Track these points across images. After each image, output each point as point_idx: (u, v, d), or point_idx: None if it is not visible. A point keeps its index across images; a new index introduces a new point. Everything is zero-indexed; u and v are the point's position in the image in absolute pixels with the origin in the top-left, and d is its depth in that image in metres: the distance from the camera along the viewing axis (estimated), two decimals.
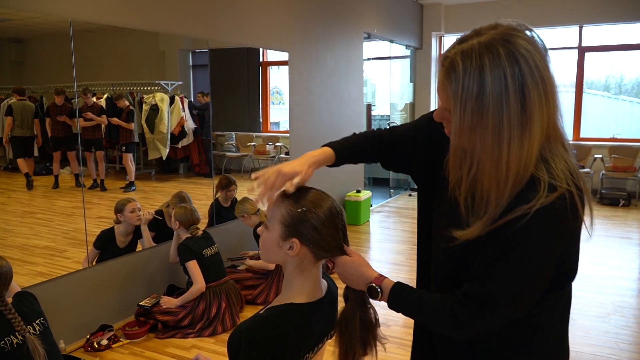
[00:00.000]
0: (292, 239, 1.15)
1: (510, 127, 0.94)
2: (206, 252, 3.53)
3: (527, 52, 0.95)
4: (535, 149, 0.96)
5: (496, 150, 0.95)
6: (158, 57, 4.16)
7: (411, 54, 8.58)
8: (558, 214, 0.96)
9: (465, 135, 0.98)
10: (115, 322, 3.42)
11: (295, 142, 5.34)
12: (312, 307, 1.18)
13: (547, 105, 0.96)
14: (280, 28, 4.97)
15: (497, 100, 0.94)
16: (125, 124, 3.95)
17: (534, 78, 0.94)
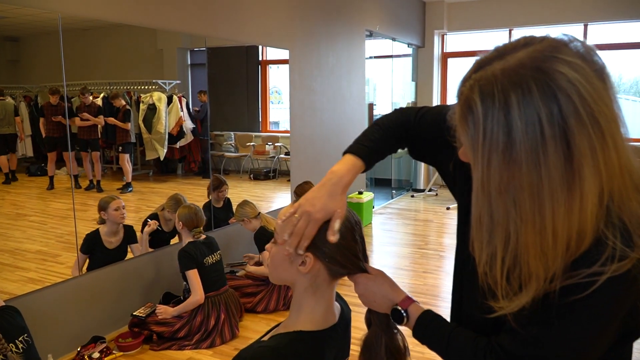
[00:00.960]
0: (306, 252, 1.01)
1: (552, 187, 0.70)
2: (207, 260, 3.39)
3: (570, 83, 0.70)
4: (590, 212, 0.72)
5: (538, 218, 0.72)
6: (156, 55, 4.08)
7: (413, 53, 8.49)
8: (631, 280, 0.75)
9: (493, 198, 0.75)
10: (108, 334, 3.30)
11: (296, 142, 5.24)
12: (325, 336, 1.03)
13: (605, 151, 0.70)
14: (281, 25, 4.87)
15: (531, 152, 0.70)
16: (122, 123, 3.85)
17: (581, 118, 0.69)
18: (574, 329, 0.78)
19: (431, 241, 5.63)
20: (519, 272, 0.78)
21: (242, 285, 3.80)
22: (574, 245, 0.74)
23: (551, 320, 0.79)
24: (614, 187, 0.74)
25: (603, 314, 0.77)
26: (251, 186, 5.39)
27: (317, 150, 5.62)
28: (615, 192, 0.74)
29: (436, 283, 4.32)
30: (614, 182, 0.73)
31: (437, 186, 8.28)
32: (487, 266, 0.81)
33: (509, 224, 0.75)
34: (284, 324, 1.07)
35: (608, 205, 0.74)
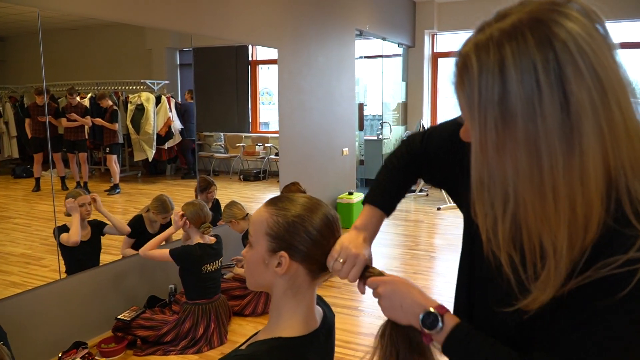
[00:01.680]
0: (281, 252, 0.96)
1: (549, 139, 0.67)
2: (206, 267, 3.32)
3: (568, 33, 0.66)
4: (593, 173, 0.67)
5: (536, 173, 0.68)
6: (144, 55, 4.05)
7: (403, 52, 8.49)
8: None
9: (491, 157, 0.72)
10: (90, 339, 3.23)
11: (285, 142, 5.22)
12: (306, 342, 0.98)
13: (606, 107, 0.66)
14: (270, 24, 4.84)
15: (526, 103, 0.67)
16: (109, 124, 3.81)
17: (579, 68, 0.66)
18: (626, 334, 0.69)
19: (422, 242, 5.62)
20: (527, 240, 0.73)
21: (230, 288, 3.75)
22: (582, 214, 0.68)
23: (593, 328, 0.71)
24: (623, 156, 0.68)
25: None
26: (241, 187, 5.36)
27: (306, 150, 5.59)
28: (627, 164, 0.69)
29: (427, 284, 4.32)
30: (621, 147, 0.68)
31: (427, 187, 8.29)
32: (490, 232, 0.77)
33: (508, 183, 0.72)
34: (263, 331, 1.03)
35: (627, 184, 0.69)
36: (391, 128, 7.98)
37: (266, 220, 0.99)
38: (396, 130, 8.29)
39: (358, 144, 7.76)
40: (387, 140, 7.89)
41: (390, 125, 7.95)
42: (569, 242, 0.70)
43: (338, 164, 6.29)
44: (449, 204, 7.08)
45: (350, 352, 3.12)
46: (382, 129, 7.85)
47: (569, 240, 0.70)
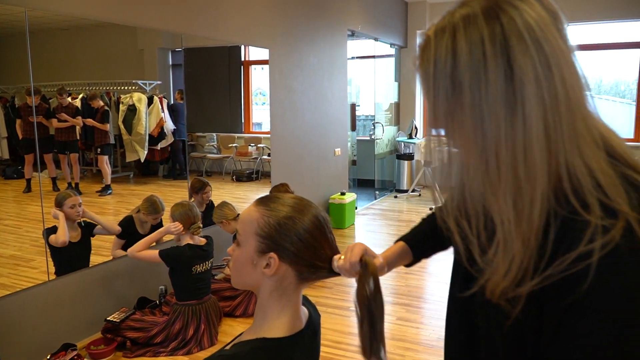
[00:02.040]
0: (270, 253, 0.95)
1: (492, 104, 0.70)
2: (196, 268, 3.32)
3: (516, 10, 0.70)
4: (536, 142, 0.69)
5: (479, 136, 0.72)
6: (136, 56, 4.04)
7: (396, 53, 8.51)
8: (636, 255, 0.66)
9: (442, 122, 0.76)
10: (79, 340, 3.22)
11: (277, 143, 5.22)
12: (290, 342, 0.97)
13: (549, 80, 0.69)
14: (261, 24, 4.84)
15: (473, 71, 0.71)
16: (100, 124, 3.80)
17: (524, 39, 0.69)
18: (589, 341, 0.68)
19: None
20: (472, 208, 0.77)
21: (221, 288, 3.75)
22: (526, 185, 0.70)
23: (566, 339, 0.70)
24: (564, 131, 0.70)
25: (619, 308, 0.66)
26: (233, 188, 5.36)
27: (298, 150, 5.60)
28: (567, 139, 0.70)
29: (419, 284, 4.34)
30: (563, 122, 0.70)
31: (420, 187, 8.31)
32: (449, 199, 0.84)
33: (457, 148, 0.76)
34: (248, 331, 1.02)
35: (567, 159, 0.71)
36: (383, 128, 8.00)
37: (256, 220, 0.98)
38: (389, 130, 8.31)
39: (350, 144, 7.77)
40: (380, 140, 7.91)
41: (382, 125, 7.96)
42: (515, 216, 0.71)
43: (330, 165, 6.29)
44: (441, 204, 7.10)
45: (341, 352, 3.13)
46: (374, 129, 7.87)
47: (516, 213, 0.71)
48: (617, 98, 8.13)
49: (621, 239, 0.65)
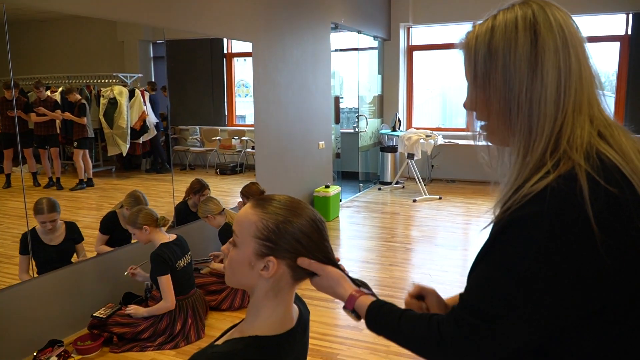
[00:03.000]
0: (269, 257, 0.97)
1: (519, 63, 0.88)
2: (179, 263, 3.30)
3: (546, 4, 0.91)
4: (549, 95, 0.87)
5: (506, 89, 0.90)
6: (116, 48, 3.98)
7: (379, 46, 8.51)
8: (564, 197, 0.80)
9: (480, 86, 0.93)
10: (66, 337, 3.20)
11: (261, 136, 5.20)
12: (282, 341, 1.00)
13: (566, 57, 0.88)
14: (244, 17, 4.80)
15: (506, 38, 0.90)
16: (77, 118, 3.72)
17: (549, 22, 0.89)
18: (508, 256, 0.83)
19: (398, 234, 5.68)
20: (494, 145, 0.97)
21: (207, 283, 3.74)
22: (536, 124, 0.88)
23: (489, 251, 0.88)
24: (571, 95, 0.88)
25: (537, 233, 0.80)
26: (218, 181, 5.33)
27: (283, 144, 5.59)
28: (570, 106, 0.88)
29: (403, 275, 4.37)
30: (571, 89, 0.88)
31: (403, 179, 8.35)
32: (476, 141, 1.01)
33: (487, 101, 0.93)
34: (240, 328, 1.04)
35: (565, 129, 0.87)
36: (367, 121, 8.01)
37: (255, 223, 0.99)
38: (372, 123, 8.32)
39: (334, 137, 7.77)
40: (364, 133, 7.93)
41: (366, 118, 7.97)
42: (524, 151, 0.89)
43: (315, 158, 6.29)
44: (424, 196, 7.16)
45: (327, 344, 3.15)
46: (358, 122, 7.88)
47: (524, 149, 0.89)
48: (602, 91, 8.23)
49: (552, 182, 0.81)
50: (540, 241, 0.79)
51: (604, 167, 0.81)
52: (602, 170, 0.81)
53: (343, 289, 1.04)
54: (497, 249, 0.86)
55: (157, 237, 3.27)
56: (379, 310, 1.00)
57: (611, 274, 0.79)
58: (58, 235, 3.30)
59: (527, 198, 0.82)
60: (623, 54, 7.53)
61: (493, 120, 0.94)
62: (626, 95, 7.48)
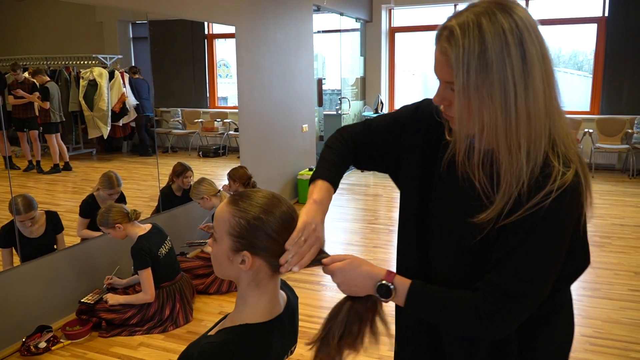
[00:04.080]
0: (243, 252, 1.02)
1: (514, 79, 0.93)
2: (161, 251, 3.28)
3: (522, 12, 0.96)
4: (540, 105, 0.95)
5: (504, 103, 0.94)
6: (95, 28, 3.89)
7: (361, 27, 8.47)
8: (577, 190, 0.96)
9: (472, 96, 0.95)
10: (54, 322, 3.19)
11: (245, 120, 5.17)
12: (271, 326, 1.06)
13: (546, 64, 0.96)
14: (226, 0, 4.73)
15: (499, 55, 0.93)
16: (41, 102, 3.58)
17: (531, 35, 0.94)
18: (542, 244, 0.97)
19: (381, 216, 5.72)
20: (490, 160, 1.00)
21: (194, 267, 3.74)
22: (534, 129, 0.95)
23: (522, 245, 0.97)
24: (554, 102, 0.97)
25: (562, 223, 0.97)
26: (200, 164, 5.29)
27: (266, 127, 5.56)
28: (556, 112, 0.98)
29: (386, 257, 4.41)
30: (553, 94, 0.97)
31: None
32: (465, 155, 1.03)
33: (484, 114, 0.96)
34: (230, 318, 1.09)
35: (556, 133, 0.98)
36: (350, 103, 8.01)
37: (228, 220, 1.04)
38: (355, 105, 8.32)
39: (318, 119, 7.75)
40: (347, 115, 7.92)
41: (349, 100, 7.97)
42: (527, 157, 0.96)
43: (298, 141, 6.28)
44: None
45: (314, 326, 3.18)
46: (341, 104, 7.87)
47: (527, 155, 0.96)
48: (575, 70, 8.33)
49: (573, 179, 0.95)
50: (566, 226, 0.97)
51: (581, 163, 0.99)
52: (581, 166, 0.99)
53: (375, 267, 1.07)
54: (538, 235, 0.96)
55: (133, 231, 3.24)
56: (423, 290, 1.05)
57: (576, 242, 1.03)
58: (38, 227, 3.25)
59: (557, 193, 0.94)
60: (600, 35, 7.62)
61: (489, 131, 0.97)
62: (603, 76, 7.59)
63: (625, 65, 7.37)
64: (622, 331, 3.08)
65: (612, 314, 3.29)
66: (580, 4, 7.84)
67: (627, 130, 7.39)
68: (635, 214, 5.49)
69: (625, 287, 3.69)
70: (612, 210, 5.58)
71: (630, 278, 3.84)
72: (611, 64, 7.50)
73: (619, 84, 7.49)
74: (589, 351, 2.87)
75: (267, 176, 5.50)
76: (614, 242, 4.63)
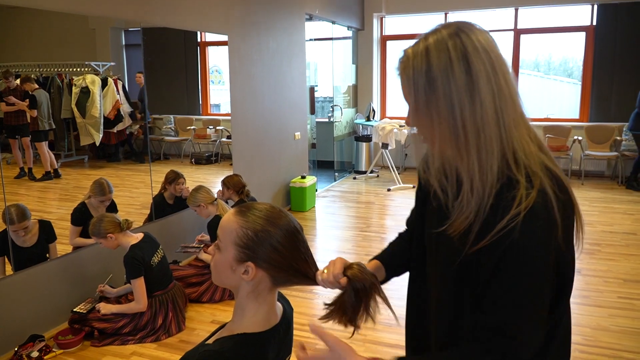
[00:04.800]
0: (248, 262, 1.04)
1: (458, 92, 0.97)
2: (154, 260, 3.28)
3: (471, 30, 0.99)
4: (489, 117, 0.97)
5: (450, 116, 0.98)
6: (88, 36, 3.89)
7: (353, 35, 8.52)
8: (544, 209, 0.94)
9: (422, 111, 1.01)
10: (47, 331, 3.19)
11: (238, 127, 5.18)
12: (267, 336, 1.08)
13: (496, 77, 0.98)
14: (219, 9, 4.75)
15: (443, 71, 0.97)
16: (29, 110, 3.55)
17: (477, 49, 0.97)
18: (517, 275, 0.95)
19: (373, 223, 5.74)
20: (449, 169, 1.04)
21: (186, 275, 3.73)
22: (485, 145, 0.97)
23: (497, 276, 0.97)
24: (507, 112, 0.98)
25: (536, 247, 0.94)
26: (193, 171, 5.29)
27: (259, 135, 5.58)
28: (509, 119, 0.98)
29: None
30: (506, 106, 0.98)
31: (378, 168, 8.42)
32: (425, 166, 1.11)
33: (434, 129, 1.00)
34: (228, 327, 1.10)
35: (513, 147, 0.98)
36: (342, 111, 8.04)
37: (235, 230, 1.05)
38: (347, 112, 8.35)
39: (310, 127, 7.78)
40: (338, 123, 7.95)
41: (341, 108, 8.00)
42: (479, 166, 0.98)
43: (291, 149, 6.29)
44: (398, 185, 7.24)
45: (306, 334, 3.18)
46: (333, 111, 7.90)
47: (480, 167, 0.98)
48: (565, 78, 8.42)
49: (537, 198, 0.94)
50: (542, 251, 0.95)
51: (553, 177, 0.98)
52: (555, 181, 0.98)
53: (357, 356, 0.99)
54: (511, 263, 0.95)
55: (125, 240, 3.24)
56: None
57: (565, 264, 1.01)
58: (31, 237, 3.24)
59: (523, 217, 0.93)
60: (588, 43, 7.72)
61: (441, 144, 1.01)
62: (591, 83, 7.69)
63: (613, 74, 7.47)
64: (611, 339, 3.11)
65: (601, 321, 3.33)
66: (569, 13, 7.94)
67: (616, 137, 7.47)
68: (624, 221, 5.55)
69: (615, 294, 3.73)
70: (602, 218, 5.64)
71: (619, 285, 3.88)
72: (599, 72, 7.59)
73: (607, 92, 7.59)
74: (578, 359, 2.90)
75: (259, 183, 5.51)
76: (603, 249, 4.68)
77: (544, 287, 0.97)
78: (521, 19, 8.04)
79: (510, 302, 0.96)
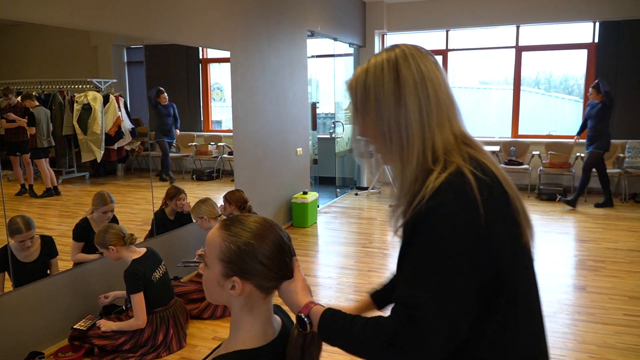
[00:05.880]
0: (234, 277, 1.02)
1: (385, 96, 1.08)
2: (155, 275, 3.25)
3: (406, 47, 1.12)
4: (414, 120, 1.07)
5: (380, 119, 1.10)
6: (90, 53, 3.91)
7: (355, 52, 8.56)
8: (459, 188, 0.99)
9: (360, 114, 1.14)
10: (47, 348, 3.15)
11: (239, 143, 5.18)
12: (265, 352, 1.04)
13: (423, 87, 1.08)
14: (221, 26, 4.78)
15: (375, 79, 1.10)
16: (28, 127, 3.51)
17: (408, 62, 1.09)
18: (424, 244, 0.99)
19: (375, 239, 5.70)
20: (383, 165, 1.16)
21: (187, 291, 3.70)
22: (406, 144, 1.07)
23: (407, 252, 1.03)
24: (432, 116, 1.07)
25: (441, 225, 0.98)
26: (194, 187, 5.27)
27: (261, 151, 5.57)
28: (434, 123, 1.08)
29: (381, 282, 4.37)
30: (432, 111, 1.08)
31: (380, 184, 8.40)
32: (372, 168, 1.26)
33: (369, 128, 1.13)
34: (225, 345, 1.08)
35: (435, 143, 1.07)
36: (344, 127, 8.05)
37: (219, 245, 1.03)
38: (348, 128, 8.36)
39: (312, 143, 7.78)
40: (340, 139, 7.95)
41: (342, 124, 8.01)
42: (401, 162, 1.09)
43: (292, 164, 6.29)
44: None
45: None
46: (334, 127, 7.90)
47: (401, 160, 1.09)
48: (566, 95, 8.43)
49: (447, 177, 1.00)
50: (448, 223, 0.97)
51: (478, 164, 1.04)
52: (479, 166, 1.03)
53: (303, 296, 1.08)
54: (418, 237, 1.00)
55: (127, 254, 3.22)
56: (331, 317, 1.04)
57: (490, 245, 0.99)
58: (33, 252, 3.22)
59: (430, 193, 0.99)
60: (590, 60, 7.74)
61: (374, 143, 1.14)
62: None
63: (615, 91, 7.47)
64: (617, 356, 3.06)
65: (607, 338, 3.28)
66: (571, 30, 7.98)
67: (619, 154, 7.45)
68: (628, 237, 5.50)
69: (620, 311, 3.68)
70: (606, 235, 5.59)
71: (624, 302, 3.83)
72: None
73: None
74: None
75: (261, 199, 5.49)
76: (607, 266, 4.63)
77: (458, 265, 0.96)
78: (522, 36, 8.09)
79: (417, 276, 0.98)
